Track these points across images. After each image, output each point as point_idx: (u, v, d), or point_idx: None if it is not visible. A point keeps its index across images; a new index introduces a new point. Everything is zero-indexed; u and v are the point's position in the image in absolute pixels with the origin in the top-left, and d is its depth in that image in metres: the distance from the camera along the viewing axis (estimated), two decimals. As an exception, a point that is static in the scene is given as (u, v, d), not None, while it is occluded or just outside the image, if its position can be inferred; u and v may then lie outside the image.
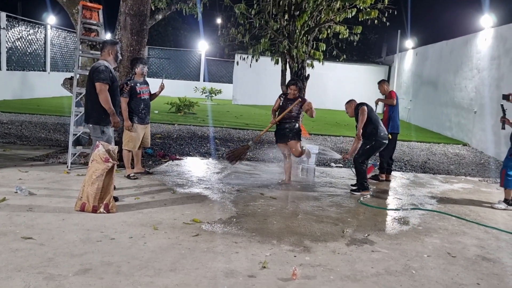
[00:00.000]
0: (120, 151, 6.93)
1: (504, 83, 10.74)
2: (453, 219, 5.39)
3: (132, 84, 6.20)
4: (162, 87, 6.85)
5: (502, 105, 6.17)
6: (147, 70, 6.49)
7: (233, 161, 6.74)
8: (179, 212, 4.90)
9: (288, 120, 6.44)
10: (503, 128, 6.20)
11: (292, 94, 6.48)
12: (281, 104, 6.53)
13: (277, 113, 6.59)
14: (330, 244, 4.27)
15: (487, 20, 12.21)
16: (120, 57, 5.36)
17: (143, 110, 6.38)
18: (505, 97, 5.92)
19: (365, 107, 6.38)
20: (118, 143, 6.93)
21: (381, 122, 6.50)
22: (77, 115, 6.65)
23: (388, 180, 7.35)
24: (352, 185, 6.63)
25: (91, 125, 5.13)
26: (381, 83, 7.67)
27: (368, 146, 6.29)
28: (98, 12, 7.00)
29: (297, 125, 6.51)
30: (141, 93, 6.35)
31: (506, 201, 5.96)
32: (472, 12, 15.80)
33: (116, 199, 4.99)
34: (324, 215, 5.20)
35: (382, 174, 7.43)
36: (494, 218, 5.55)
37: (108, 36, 16.13)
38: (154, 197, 5.44)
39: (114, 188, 5.18)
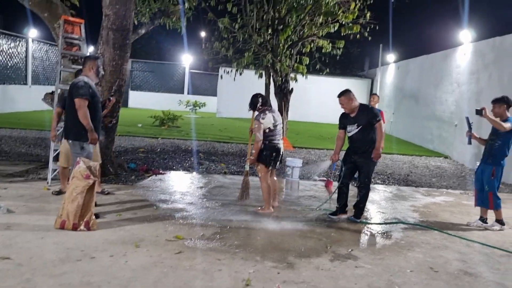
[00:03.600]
0: (101, 167, 6.87)
1: (483, 97, 10.95)
2: (435, 233, 5.43)
3: (65, 95, 5.67)
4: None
5: (467, 118, 6.09)
6: None
7: (244, 196, 6.18)
8: (162, 229, 4.84)
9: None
10: (469, 143, 6.24)
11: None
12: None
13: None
14: (313, 260, 4.25)
15: (466, 36, 12.49)
16: (102, 72, 5.31)
17: None
18: (478, 112, 5.77)
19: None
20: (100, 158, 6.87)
21: None
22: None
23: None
24: (339, 210, 5.80)
25: (70, 141, 5.06)
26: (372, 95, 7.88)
27: (375, 166, 5.83)
28: (80, 26, 6.95)
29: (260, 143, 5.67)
30: None
31: (498, 221, 5.85)
32: (452, 27, 16.17)
33: (97, 216, 4.90)
34: (308, 230, 5.19)
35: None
36: (476, 232, 5.61)
37: (91, 50, 16.05)
38: (137, 213, 5.36)
39: (95, 205, 5.11)
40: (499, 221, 5.83)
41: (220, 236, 4.75)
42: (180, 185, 7.18)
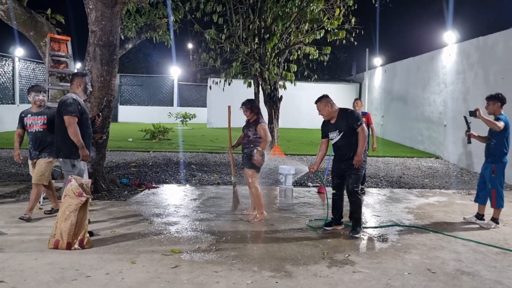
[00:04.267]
0: (93, 183, 6.81)
1: (470, 96, 11.08)
2: (431, 234, 5.45)
3: (23, 115, 5.75)
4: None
5: (465, 118, 6.15)
6: (42, 98, 5.73)
7: (237, 206, 6.27)
8: (157, 243, 4.80)
9: (246, 145, 5.85)
10: (469, 142, 6.29)
11: (248, 116, 5.88)
12: (244, 131, 5.93)
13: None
14: (311, 267, 4.24)
15: (450, 37, 12.67)
16: (90, 89, 5.29)
17: (29, 143, 5.80)
18: (472, 114, 5.85)
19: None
20: (92, 175, 6.82)
21: None
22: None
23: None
24: (330, 223, 5.55)
25: (61, 159, 5.01)
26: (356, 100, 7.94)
27: (363, 172, 5.68)
28: (66, 43, 6.95)
29: (255, 151, 5.70)
30: (29, 125, 5.71)
31: (494, 220, 5.88)
32: (436, 29, 16.40)
33: (91, 233, 4.85)
34: (304, 237, 5.18)
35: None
36: (471, 231, 5.64)
37: (78, 66, 16.00)
38: (131, 228, 5.32)
39: (89, 222, 5.05)
40: (495, 220, 5.87)
41: (216, 247, 4.72)
42: (174, 198, 7.14)
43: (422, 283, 3.93)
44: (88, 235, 4.66)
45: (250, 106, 5.86)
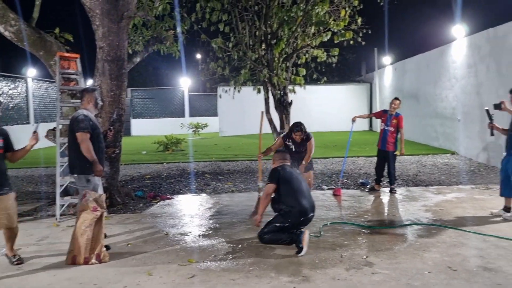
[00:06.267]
0: (108, 197, 6.87)
1: (483, 89, 10.92)
2: (450, 231, 5.35)
3: None
4: (35, 139, 4.74)
5: (487, 110, 6.05)
6: None
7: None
8: (173, 254, 4.80)
9: (302, 155, 6.42)
10: (492, 134, 6.18)
11: (298, 139, 6.31)
12: (293, 149, 6.32)
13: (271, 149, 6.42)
14: (329, 270, 4.19)
15: (459, 30, 12.52)
16: (101, 103, 5.35)
17: None
18: (497, 106, 5.77)
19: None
20: (107, 189, 6.87)
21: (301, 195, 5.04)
22: (62, 165, 6.57)
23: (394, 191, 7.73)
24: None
25: (76, 175, 5.06)
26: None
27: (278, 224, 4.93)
28: (75, 61, 7.03)
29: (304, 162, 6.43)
30: None
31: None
32: (445, 23, 16.23)
33: (107, 247, 4.88)
34: (320, 241, 5.13)
35: (378, 185, 7.94)
36: (491, 226, 5.52)
37: (89, 82, 16.21)
38: (147, 241, 5.33)
39: (105, 236, 5.09)
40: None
41: (233, 255, 4.70)
42: (189, 208, 7.15)
43: (443, 281, 3.85)
44: (104, 249, 4.68)
45: (305, 129, 6.28)
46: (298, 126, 6.27)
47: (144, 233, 5.64)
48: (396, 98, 8.12)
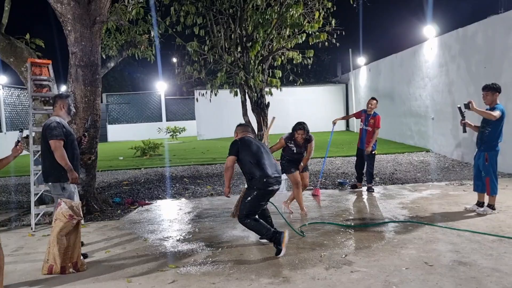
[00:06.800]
0: (85, 205, 6.76)
1: (455, 88, 11.18)
2: (426, 227, 5.45)
3: None
4: (20, 148, 4.32)
5: (459, 108, 6.17)
6: None
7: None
8: (153, 260, 4.75)
9: (302, 156, 6.48)
10: (465, 131, 6.32)
11: (300, 139, 6.32)
12: (294, 150, 6.37)
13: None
14: (309, 270, 4.22)
15: (430, 30, 12.80)
16: (74, 110, 5.26)
17: None
18: (466, 106, 5.89)
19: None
20: (83, 196, 6.77)
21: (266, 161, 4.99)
22: (37, 173, 6.43)
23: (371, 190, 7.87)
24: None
25: (50, 183, 4.96)
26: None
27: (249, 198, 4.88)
28: (47, 67, 6.90)
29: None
30: None
31: (490, 206, 6.00)
32: (417, 24, 16.56)
33: (85, 255, 4.80)
34: (300, 241, 5.16)
35: (359, 183, 8.15)
36: (465, 221, 5.66)
37: (63, 88, 15.93)
38: (126, 247, 5.26)
39: (82, 245, 5.02)
40: (491, 206, 5.96)
41: (213, 259, 4.69)
42: (168, 213, 7.09)
43: (420, 277, 3.93)
44: (82, 257, 4.60)
45: (308, 129, 6.33)
46: (301, 124, 6.33)
47: (122, 240, 5.57)
48: (373, 98, 8.25)
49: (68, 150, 4.93)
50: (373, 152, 7.97)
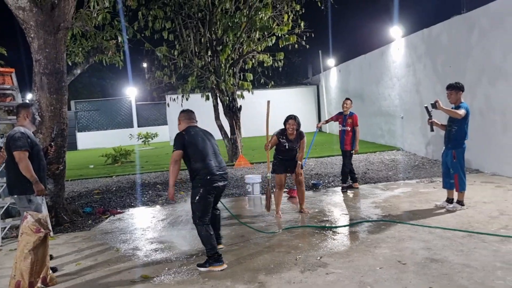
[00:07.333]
0: (54, 216, 6.58)
1: (422, 87, 11.43)
2: (398, 226, 5.53)
3: None
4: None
5: (426, 108, 6.29)
6: None
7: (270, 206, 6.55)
8: (126, 271, 4.64)
9: (294, 153, 6.43)
10: (432, 130, 6.45)
11: (291, 130, 6.29)
12: (286, 146, 6.34)
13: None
14: (284, 274, 4.20)
15: (397, 31, 13.06)
16: (38, 119, 5.09)
17: None
18: (433, 106, 6.01)
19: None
20: (52, 207, 6.58)
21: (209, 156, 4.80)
22: (2, 185, 6.21)
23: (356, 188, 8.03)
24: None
25: (16, 196, 4.79)
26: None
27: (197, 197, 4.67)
28: (10, 75, 6.67)
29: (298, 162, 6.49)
30: None
31: (459, 202, 6.13)
32: (384, 25, 16.87)
33: (54, 269, 4.65)
34: (275, 245, 5.14)
35: (354, 183, 8.18)
36: (436, 218, 5.76)
37: (28, 97, 15.49)
38: (97, 259, 5.13)
39: (51, 258, 4.87)
40: (460, 202, 6.09)
41: (187, 267, 4.62)
42: (141, 221, 6.96)
43: (394, 276, 3.97)
44: (51, 271, 4.46)
45: (298, 121, 6.33)
46: (291, 115, 6.37)
47: (93, 251, 5.43)
48: (347, 99, 8.31)
49: (34, 161, 4.76)
50: (351, 152, 8.05)
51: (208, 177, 4.62)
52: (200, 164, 4.65)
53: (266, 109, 6.61)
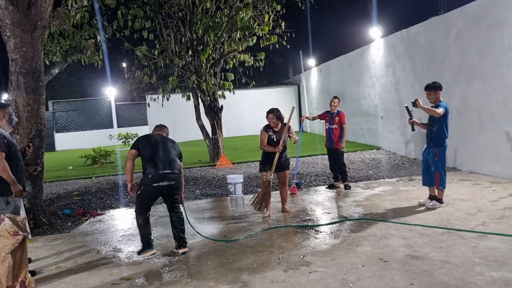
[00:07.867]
0: (32, 218, 6.44)
1: (401, 86, 11.59)
2: (379, 224, 5.59)
3: None
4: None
5: (406, 107, 6.37)
6: None
7: (259, 206, 6.38)
8: (107, 273, 4.58)
9: (284, 150, 6.38)
10: (413, 129, 6.55)
11: (273, 124, 6.33)
12: (274, 139, 6.34)
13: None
14: (267, 274, 4.20)
15: (376, 32, 13.21)
16: (16, 119, 4.98)
17: None
18: (413, 104, 6.09)
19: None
20: (30, 209, 6.44)
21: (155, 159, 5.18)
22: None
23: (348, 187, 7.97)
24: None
25: (-7, 199, 4.66)
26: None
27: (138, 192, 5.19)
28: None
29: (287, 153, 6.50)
30: None
31: (438, 200, 6.23)
32: (364, 25, 17.03)
33: (33, 273, 4.55)
34: (258, 244, 5.14)
35: (337, 182, 8.13)
36: (416, 215, 5.85)
37: (4, 97, 15.16)
38: (77, 261, 5.04)
39: (30, 261, 4.76)
40: (439, 200, 6.20)
41: (170, 268, 4.58)
42: (121, 223, 6.88)
43: (376, 273, 4.01)
44: (29, 275, 4.35)
45: (278, 114, 6.37)
46: (270, 109, 6.45)
47: (73, 254, 5.34)
48: (335, 97, 8.44)
49: (11, 162, 4.66)
50: (342, 150, 8.12)
51: (150, 176, 5.04)
52: (148, 163, 5.11)
53: (289, 114, 6.61)
